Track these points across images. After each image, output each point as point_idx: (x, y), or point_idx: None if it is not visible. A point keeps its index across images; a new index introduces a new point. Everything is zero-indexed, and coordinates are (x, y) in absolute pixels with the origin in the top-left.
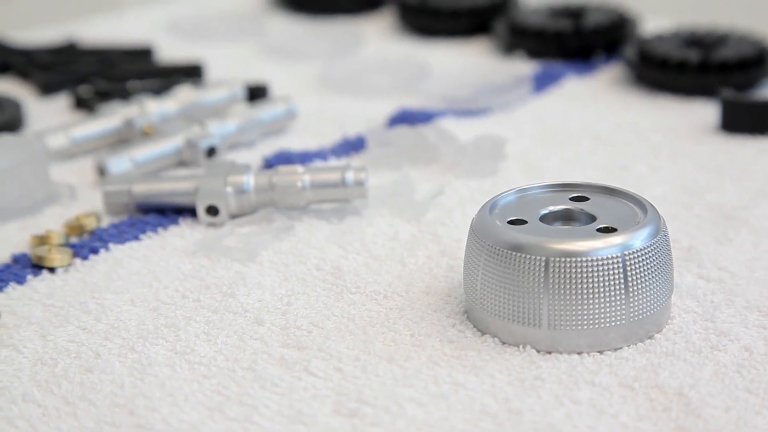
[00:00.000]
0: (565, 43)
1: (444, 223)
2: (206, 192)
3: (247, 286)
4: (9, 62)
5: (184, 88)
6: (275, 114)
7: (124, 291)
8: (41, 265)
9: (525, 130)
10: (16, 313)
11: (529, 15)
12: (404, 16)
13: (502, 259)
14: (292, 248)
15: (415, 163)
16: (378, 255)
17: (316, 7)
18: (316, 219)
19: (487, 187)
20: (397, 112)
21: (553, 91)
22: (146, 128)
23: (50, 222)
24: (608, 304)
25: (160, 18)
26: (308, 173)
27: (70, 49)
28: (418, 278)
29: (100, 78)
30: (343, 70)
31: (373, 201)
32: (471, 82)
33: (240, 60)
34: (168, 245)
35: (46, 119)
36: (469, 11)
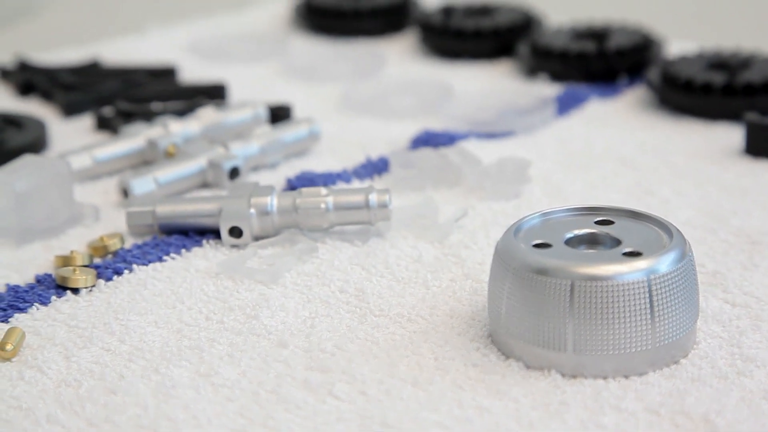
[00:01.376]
0: (588, 65)
1: (467, 246)
2: (230, 213)
3: (270, 308)
4: (33, 83)
5: (207, 109)
6: (298, 135)
7: (147, 312)
8: (65, 286)
9: (548, 153)
10: (40, 334)
11: (552, 37)
12: (427, 37)
13: (527, 282)
14: (316, 270)
15: (439, 186)
16: (401, 277)
17: (338, 29)
18: (339, 241)
19: (511, 210)
20: (420, 133)
21: (576, 113)
22: (169, 149)
23: (74, 243)
24: (634, 329)
25: (182, 38)
26: (332, 195)
27: (93, 69)
28: (442, 301)
29: (124, 99)
30: (366, 92)
31: (396, 223)
32: (494, 105)
33: (263, 81)
34: (191, 267)
35: (69, 140)
36: (492, 32)
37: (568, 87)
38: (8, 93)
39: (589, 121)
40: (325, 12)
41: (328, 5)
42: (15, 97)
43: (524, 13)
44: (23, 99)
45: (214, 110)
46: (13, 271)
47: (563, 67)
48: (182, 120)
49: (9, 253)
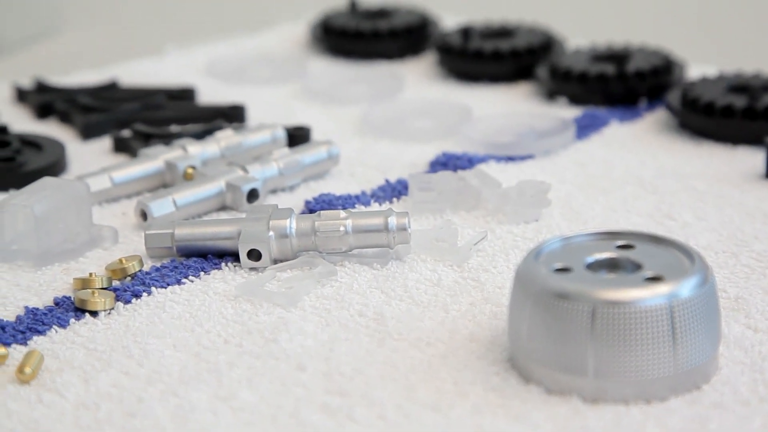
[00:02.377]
0: (608, 88)
1: (487, 270)
2: (248, 236)
3: (289, 332)
4: (51, 104)
5: (225, 131)
6: (317, 158)
7: (166, 335)
8: (84, 309)
9: (568, 176)
10: (58, 357)
11: (571, 59)
12: (445, 59)
13: (548, 307)
14: (335, 293)
15: (458, 209)
16: (421, 301)
17: (357, 51)
18: (358, 264)
19: (530, 234)
20: (439, 156)
21: (596, 136)
22: (188, 171)
23: (93, 265)
24: (655, 354)
25: (200, 61)
26: (351, 218)
27: (111, 91)
28: (462, 325)
29: (142, 121)
30: (385, 114)
31: (415, 246)
32: (513, 127)
33: (281, 103)
34: (210, 289)
35: (87, 162)
36: (511, 54)
37: (588, 110)
38: (27, 115)
39: (609, 144)
40: (344, 33)
41: (346, 26)
42: (33, 119)
43: (544, 35)
44: (41, 121)
45: (233, 132)
46: (32, 294)
47: (582, 90)
48: (201, 142)
49: (28, 275)
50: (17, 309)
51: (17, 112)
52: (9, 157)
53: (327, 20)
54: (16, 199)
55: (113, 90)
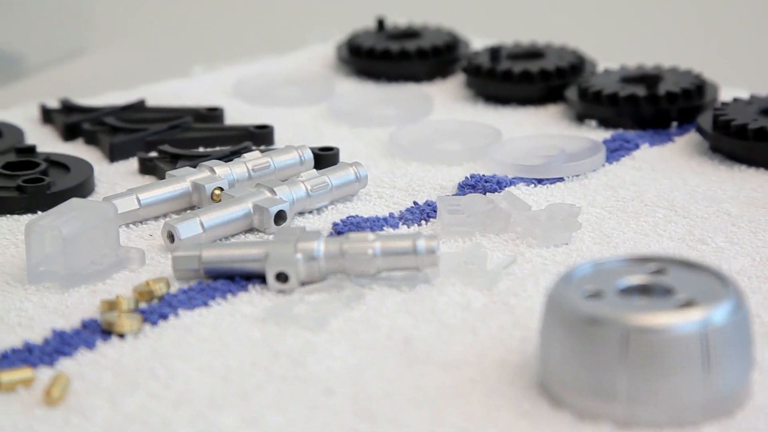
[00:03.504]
0: (638, 110)
1: (516, 294)
2: (276, 258)
3: (317, 355)
4: (78, 125)
5: (253, 152)
6: (345, 179)
7: (193, 358)
8: (111, 331)
9: (598, 200)
10: (85, 379)
11: (601, 81)
12: (474, 81)
13: (580, 332)
14: (363, 317)
15: (487, 232)
16: (450, 324)
17: (385, 73)
18: (386, 287)
19: (560, 258)
20: (468, 178)
21: (626, 159)
22: (215, 193)
23: (120, 287)
24: (688, 380)
25: (227, 82)
26: (379, 241)
27: (138, 112)
28: (491, 349)
29: (169, 142)
30: (413, 136)
31: (444, 269)
32: (543, 150)
33: (309, 124)
34: (237, 312)
35: (114, 183)
36: (540, 76)
37: (618, 132)
38: (54, 136)
39: (640, 167)
40: (371, 54)
41: (374, 47)
42: (61, 140)
43: (573, 57)
44: (68, 142)
45: (261, 154)
46: (59, 316)
47: (613, 112)
48: (228, 164)
49: (55, 297)
50: (44, 331)
51: (44, 132)
52: (36, 177)
53: (354, 41)
54: (44, 221)
55: (140, 111)
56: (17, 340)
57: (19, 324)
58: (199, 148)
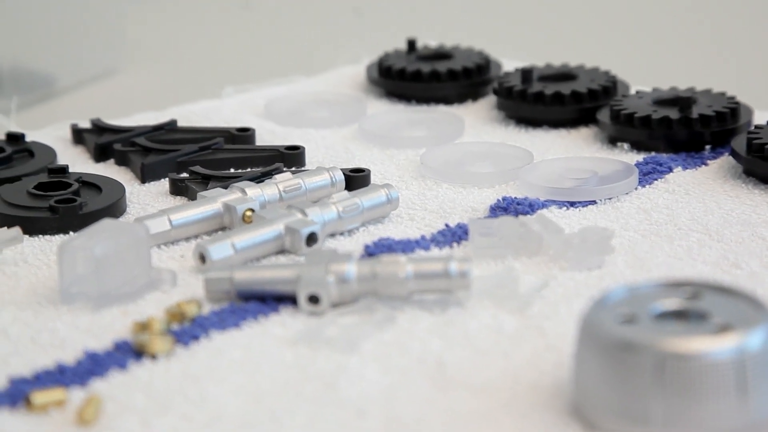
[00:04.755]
0: (671, 133)
1: (549, 317)
2: (308, 280)
3: (348, 378)
4: (109, 146)
5: (284, 174)
6: (376, 201)
7: (225, 380)
8: (143, 352)
9: (631, 223)
10: (117, 400)
11: (634, 103)
12: (505, 103)
13: (614, 358)
14: (394, 339)
15: (519, 255)
16: (482, 348)
17: (416, 95)
18: (418, 310)
19: (593, 281)
20: (500, 201)
21: (659, 183)
22: (246, 214)
23: (151, 308)
24: (725, 406)
25: (258, 103)
26: (411, 263)
27: (170, 133)
28: (524, 373)
29: (200, 163)
30: (444, 158)
31: (476, 292)
32: (575, 173)
33: (339, 146)
34: (269, 334)
35: (145, 204)
36: (572, 98)
37: (651, 155)
38: (86, 156)
39: (673, 190)
40: (402, 75)
41: (406, 68)
42: (92, 161)
43: (606, 79)
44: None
45: (292, 175)
46: (91, 337)
47: (645, 135)
48: (259, 185)
49: (87, 317)
50: (76, 351)
51: (75, 153)
52: (68, 198)
53: (385, 62)
54: (76, 241)
55: (172, 131)
56: (49, 361)
57: (52, 344)
58: (230, 169)
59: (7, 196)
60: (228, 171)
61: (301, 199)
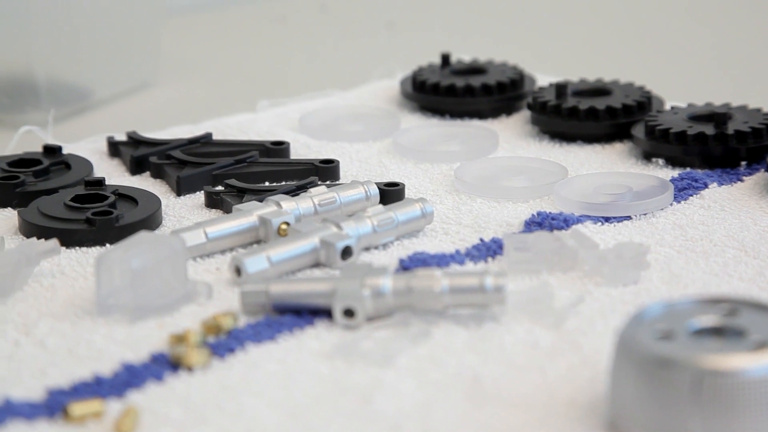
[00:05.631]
0: (706, 149)
1: (585, 333)
2: (343, 294)
3: (384, 392)
4: (144, 159)
5: (319, 187)
6: (411, 215)
7: (261, 393)
8: (179, 365)
9: (667, 239)
10: (154, 412)
11: (669, 119)
12: (539, 118)
13: (651, 374)
14: (430, 354)
15: (554, 270)
16: (517, 363)
17: (450, 110)
18: (453, 324)
19: (629, 297)
20: (535, 216)
21: (694, 198)
22: (282, 228)
23: (187, 320)
24: (763, 423)
25: (292, 117)
26: (447, 277)
27: (205, 146)
28: (560, 389)
29: (235, 176)
30: (478, 173)
31: (511, 307)
32: (610, 188)
33: (373, 160)
34: (304, 347)
35: (181, 216)
36: (606, 113)
37: (686, 171)
38: (121, 169)
39: (709, 206)
40: (436, 90)
41: (440, 83)
42: (128, 173)
43: (640, 94)
44: (135, 175)
45: (326, 189)
46: (127, 348)
47: (681, 151)
48: (295, 198)
49: (123, 329)
50: (113, 363)
51: (111, 165)
52: (105, 210)
53: (419, 76)
54: (114, 253)
55: (207, 144)
56: (87, 373)
57: (89, 356)
58: (265, 182)
59: (44, 208)
60: (263, 184)
61: (336, 212)
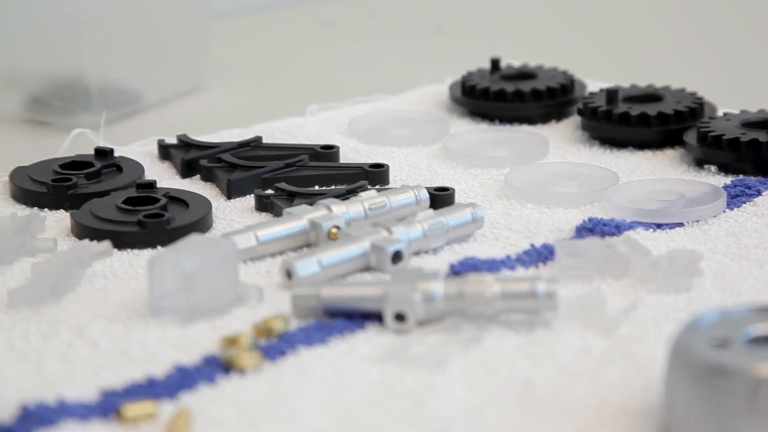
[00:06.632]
0: (760, 156)
1: (637, 340)
2: (395, 298)
3: (435, 397)
4: (195, 162)
5: (369, 191)
6: (461, 220)
7: (312, 396)
8: (231, 367)
9: (720, 246)
10: (207, 414)
11: (721, 125)
12: (589, 124)
13: (707, 382)
14: (481, 359)
15: (606, 276)
16: (569, 369)
17: (499, 115)
18: (504, 329)
19: (682, 304)
20: (586, 222)
21: (747, 206)
22: (332, 232)
23: (239, 323)
24: None
25: (341, 121)
26: (498, 283)
27: (255, 150)
28: (612, 396)
29: (285, 180)
30: (528, 178)
31: (562, 313)
32: (661, 194)
33: (422, 164)
34: (355, 351)
35: (232, 220)
36: (658, 119)
37: (739, 178)
38: (172, 172)
39: (762, 214)
40: (486, 95)
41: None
42: (178, 176)
43: (692, 100)
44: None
45: (376, 193)
46: (179, 351)
47: (733, 157)
48: (345, 202)
49: (176, 332)
50: (165, 365)
51: (162, 168)
52: (156, 213)
53: (468, 81)
54: (166, 256)
55: (257, 148)
56: (139, 374)
57: (141, 358)
58: (315, 186)
59: (96, 210)
60: (313, 188)
61: (386, 217)
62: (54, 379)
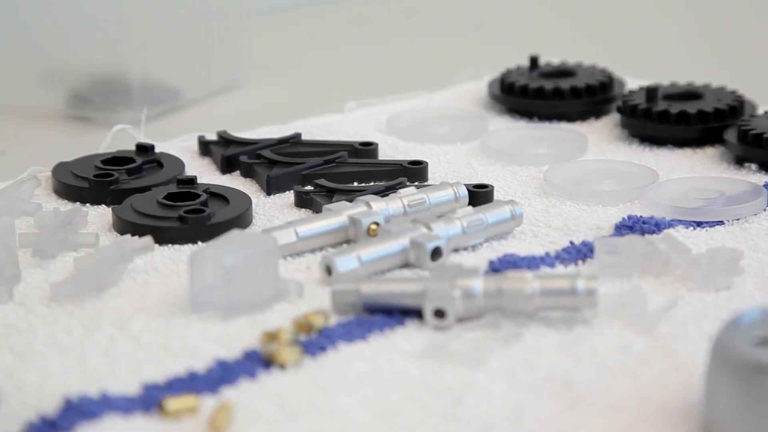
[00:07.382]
0: None
1: (677, 338)
2: (434, 295)
3: (475, 393)
4: (235, 158)
5: (408, 188)
6: (500, 217)
7: (352, 392)
8: (272, 362)
9: (760, 245)
10: (248, 409)
11: (762, 123)
12: (629, 122)
13: (748, 381)
14: (520, 356)
15: (645, 274)
16: (609, 367)
17: (538, 113)
18: (544, 327)
19: (722, 302)
20: (626, 219)
21: None
22: (371, 228)
23: (279, 318)
24: None
25: (380, 118)
26: (538, 280)
27: (294, 146)
28: (652, 393)
29: (325, 176)
30: (568, 175)
31: (602, 310)
32: (701, 192)
33: (461, 161)
34: (395, 347)
35: (272, 216)
36: (698, 117)
37: None
38: (212, 168)
39: None
40: (525, 92)
41: (528, 85)
42: (218, 172)
43: (733, 98)
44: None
45: (416, 190)
46: (220, 345)
47: None
48: (384, 199)
49: (216, 327)
50: (206, 360)
51: (202, 164)
52: (197, 208)
53: (507, 79)
54: (207, 251)
55: (296, 144)
56: (181, 368)
57: (183, 352)
58: (354, 182)
59: (138, 205)
60: (352, 184)
61: (425, 213)
62: (97, 373)
